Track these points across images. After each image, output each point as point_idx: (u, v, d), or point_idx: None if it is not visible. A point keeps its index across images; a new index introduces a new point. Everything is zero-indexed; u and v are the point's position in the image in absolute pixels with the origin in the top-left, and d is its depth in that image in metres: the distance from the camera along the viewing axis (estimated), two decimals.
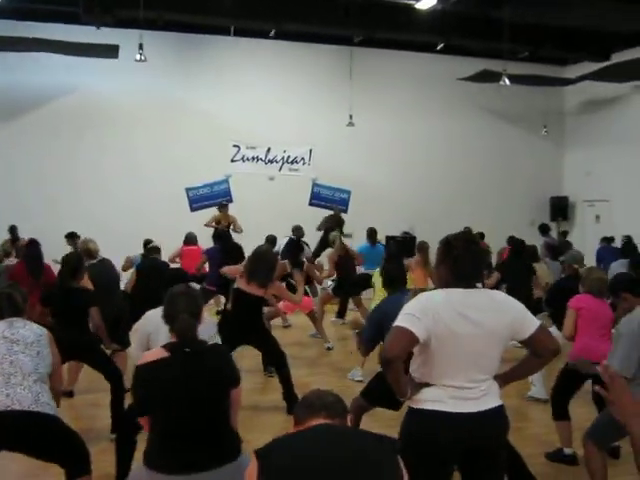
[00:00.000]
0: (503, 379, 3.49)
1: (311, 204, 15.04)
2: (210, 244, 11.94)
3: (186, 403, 3.32)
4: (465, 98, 17.65)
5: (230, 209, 14.14)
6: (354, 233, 13.75)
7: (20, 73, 14.77)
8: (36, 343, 4.20)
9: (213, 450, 3.36)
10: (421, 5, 13.47)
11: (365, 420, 5.58)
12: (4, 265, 9.11)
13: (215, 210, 14.19)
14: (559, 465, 5.70)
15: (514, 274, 9.08)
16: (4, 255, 9.95)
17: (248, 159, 14.92)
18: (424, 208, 17.03)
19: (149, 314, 4.84)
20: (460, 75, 16.18)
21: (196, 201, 14.48)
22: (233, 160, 14.86)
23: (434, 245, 3.91)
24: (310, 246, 12.54)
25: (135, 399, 3.48)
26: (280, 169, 15.17)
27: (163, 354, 3.43)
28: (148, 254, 9.56)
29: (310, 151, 15.11)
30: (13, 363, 4.05)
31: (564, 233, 16.85)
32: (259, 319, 7.21)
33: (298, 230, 11.89)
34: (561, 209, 18.67)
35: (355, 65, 15.50)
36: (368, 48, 16.37)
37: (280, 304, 9.65)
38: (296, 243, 10.66)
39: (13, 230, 12.44)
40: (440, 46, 16.38)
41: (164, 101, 15.79)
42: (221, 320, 7.81)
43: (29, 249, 8.62)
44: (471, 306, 3.26)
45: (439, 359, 3.24)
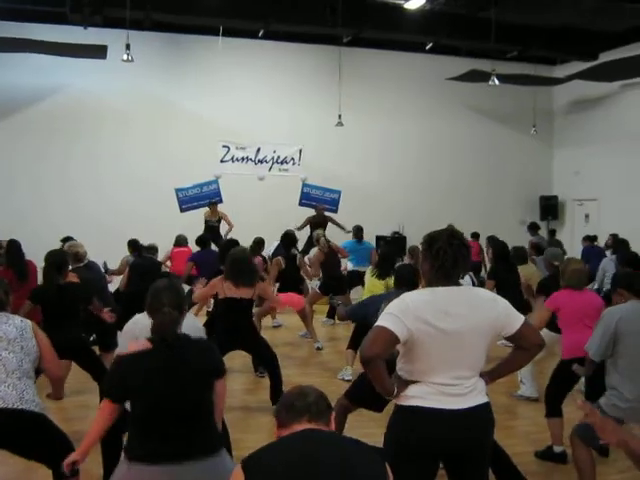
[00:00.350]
0: (490, 376, 3.50)
1: (301, 204, 15.02)
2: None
3: (166, 394, 3.32)
4: (454, 98, 17.68)
5: (220, 209, 14.15)
6: (344, 233, 13.71)
7: (8, 73, 14.68)
8: (19, 338, 4.11)
9: (193, 442, 3.35)
10: (410, 5, 13.47)
11: (357, 420, 5.57)
12: None
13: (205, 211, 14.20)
14: (549, 463, 5.70)
15: (503, 279, 9.06)
16: None
17: (238, 159, 14.93)
18: (414, 208, 17.06)
19: (137, 317, 4.81)
20: (449, 75, 16.20)
21: (186, 202, 14.44)
22: (223, 160, 14.87)
23: None
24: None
25: (107, 384, 3.47)
26: (270, 169, 15.19)
27: (146, 346, 3.44)
28: (144, 252, 9.55)
29: (300, 151, 15.14)
30: None
31: (552, 232, 16.91)
32: (249, 323, 7.18)
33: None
34: (551, 208, 18.72)
35: (344, 65, 15.50)
36: (357, 48, 16.38)
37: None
38: (289, 238, 10.66)
39: None
40: (429, 46, 16.40)
41: (153, 101, 15.75)
42: (208, 322, 7.80)
43: (10, 251, 8.32)
44: (455, 303, 3.27)
45: (424, 357, 3.25)
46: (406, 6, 13.53)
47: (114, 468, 4.63)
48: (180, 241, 11.82)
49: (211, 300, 11.55)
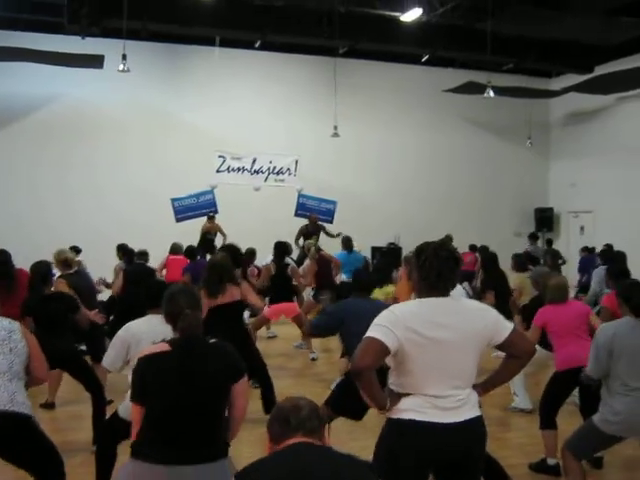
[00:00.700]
0: (483, 387, 3.49)
1: (297, 215, 15.01)
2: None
3: (181, 395, 3.31)
4: (450, 109, 17.73)
5: (216, 219, 14.16)
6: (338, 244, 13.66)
7: (6, 82, 14.72)
8: (8, 340, 4.05)
9: (202, 445, 3.35)
10: (406, 17, 13.53)
11: (352, 431, 5.56)
12: None
13: (201, 221, 14.19)
14: (543, 476, 5.67)
15: (495, 288, 9.07)
16: None
17: (233, 170, 14.90)
18: (409, 219, 17.06)
19: (130, 325, 4.78)
20: (445, 86, 16.25)
21: (181, 212, 14.43)
22: (218, 171, 14.85)
23: None
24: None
25: (132, 386, 3.47)
26: (266, 180, 15.16)
27: (164, 348, 3.44)
28: (137, 258, 9.53)
29: (296, 162, 15.13)
30: None
31: (549, 242, 16.93)
32: (239, 327, 7.12)
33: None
34: (546, 220, 18.76)
35: (340, 76, 15.53)
36: (353, 59, 16.44)
37: (265, 310, 9.56)
38: (282, 247, 10.62)
39: None
40: (425, 57, 16.47)
41: (150, 111, 15.78)
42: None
43: None
44: (444, 314, 3.27)
45: (416, 368, 3.24)
46: (402, 18, 13.59)
47: (107, 479, 4.63)
48: (175, 249, 11.78)
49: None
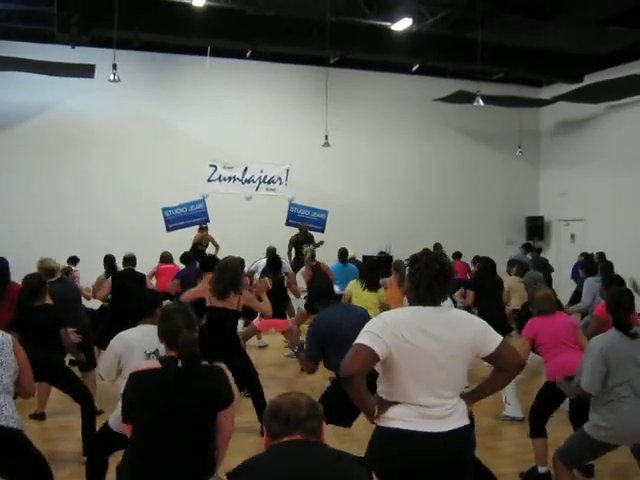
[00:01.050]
0: (471, 397, 3.49)
1: (288, 224, 15.00)
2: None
3: (170, 415, 3.33)
4: (441, 119, 17.79)
5: (208, 233, 14.18)
6: (330, 253, 13.65)
7: None
8: None
9: (188, 468, 3.36)
10: (397, 27, 13.60)
11: (341, 441, 5.54)
12: None
13: (192, 230, 14.17)
14: None
15: (486, 295, 9.07)
16: None
17: (225, 179, 14.89)
18: (400, 228, 17.08)
19: (122, 335, 4.77)
20: (436, 96, 16.31)
21: (172, 221, 14.39)
22: (210, 180, 14.83)
23: None
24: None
25: (123, 403, 3.47)
26: (257, 189, 15.14)
27: (156, 365, 3.46)
28: (123, 264, 9.50)
29: (287, 171, 15.13)
30: None
31: (538, 250, 16.97)
32: (233, 335, 7.13)
33: (271, 252, 12.00)
34: (537, 229, 18.81)
35: (331, 85, 15.54)
36: (344, 69, 16.48)
37: (255, 322, 9.58)
38: (277, 260, 10.61)
39: None
40: (415, 67, 16.53)
41: (141, 121, 15.78)
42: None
43: None
44: (433, 323, 3.28)
45: (404, 377, 3.25)
46: (393, 28, 13.66)
47: None
48: (166, 258, 11.77)
49: None
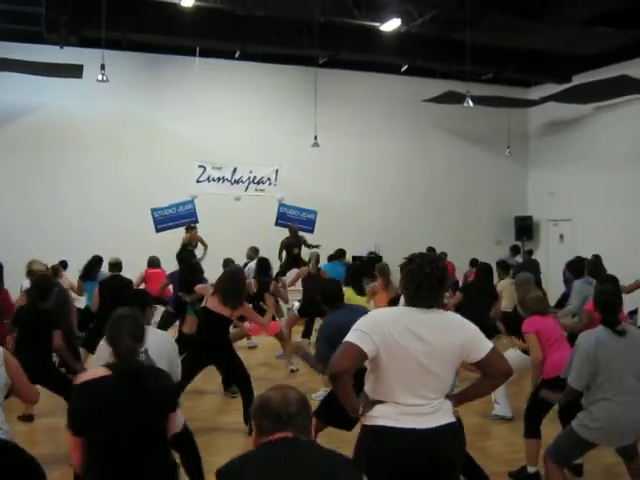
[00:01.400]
0: (457, 399, 3.50)
1: (277, 224, 14.98)
2: (174, 267, 11.77)
3: (122, 423, 3.29)
4: (430, 119, 17.81)
5: (196, 230, 14.10)
6: (321, 254, 13.66)
7: None
8: None
9: (147, 472, 3.34)
10: (386, 27, 13.60)
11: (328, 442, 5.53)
12: None
13: (182, 231, 14.12)
14: None
15: (474, 297, 9.08)
16: None
17: (214, 179, 14.87)
18: (390, 228, 17.11)
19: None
20: (425, 96, 16.32)
21: (161, 222, 14.35)
22: (199, 181, 14.81)
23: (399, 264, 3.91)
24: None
25: (70, 416, 3.39)
26: (246, 189, 15.14)
27: (104, 373, 3.41)
28: (109, 270, 9.48)
29: (276, 171, 15.13)
30: None
31: (529, 252, 17.02)
32: (226, 339, 7.15)
33: (256, 252, 12.00)
34: (525, 229, 18.85)
35: (320, 86, 15.56)
36: (333, 69, 16.47)
37: (246, 324, 9.56)
38: (266, 264, 10.57)
39: None
40: (404, 67, 16.54)
41: (129, 121, 15.72)
42: (178, 339, 7.76)
43: None
44: (423, 324, 3.28)
45: (390, 376, 3.26)
46: (382, 28, 13.66)
47: None
48: (154, 262, 11.74)
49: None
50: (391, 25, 13.45)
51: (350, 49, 14.92)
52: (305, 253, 13.70)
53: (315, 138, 15.12)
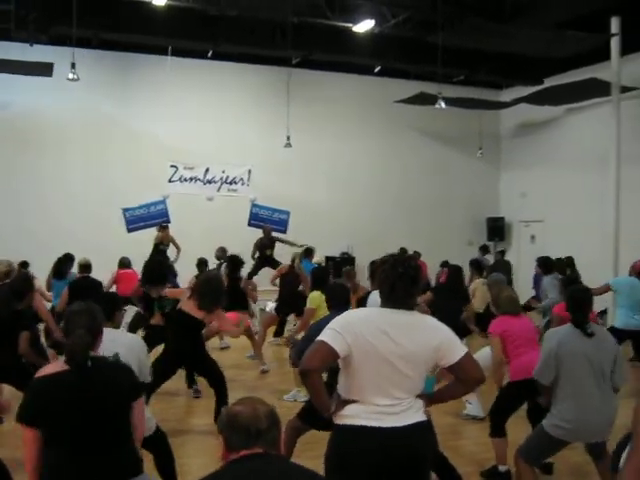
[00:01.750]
0: (429, 399, 3.50)
1: (250, 225, 14.94)
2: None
3: (81, 416, 3.26)
4: (402, 120, 17.87)
5: (169, 233, 14.04)
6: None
7: None
8: None
9: (109, 466, 3.31)
10: (359, 28, 13.62)
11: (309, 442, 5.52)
12: None
13: (153, 231, 14.03)
14: None
15: (445, 299, 9.09)
16: None
17: (186, 179, 14.77)
18: (363, 229, 17.13)
19: None
20: (397, 97, 16.37)
21: (133, 222, 14.23)
22: (171, 180, 14.70)
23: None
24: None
25: (23, 409, 3.33)
26: (219, 189, 15.05)
27: (63, 367, 3.38)
28: (79, 272, 9.35)
29: (249, 171, 15.07)
30: None
31: (502, 252, 17.14)
32: (199, 341, 7.10)
33: (225, 252, 11.98)
34: (497, 229, 18.99)
35: (293, 86, 15.55)
36: (306, 69, 16.47)
37: (214, 324, 9.47)
38: (236, 261, 10.51)
39: None
40: (378, 69, 16.58)
41: (101, 120, 15.60)
42: (146, 336, 7.68)
43: None
44: (397, 326, 3.29)
45: (361, 376, 3.27)
46: (355, 29, 13.68)
47: None
48: (124, 263, 11.63)
49: None
50: (364, 26, 13.48)
51: (323, 50, 14.93)
52: (278, 254, 13.71)
53: (288, 138, 15.10)
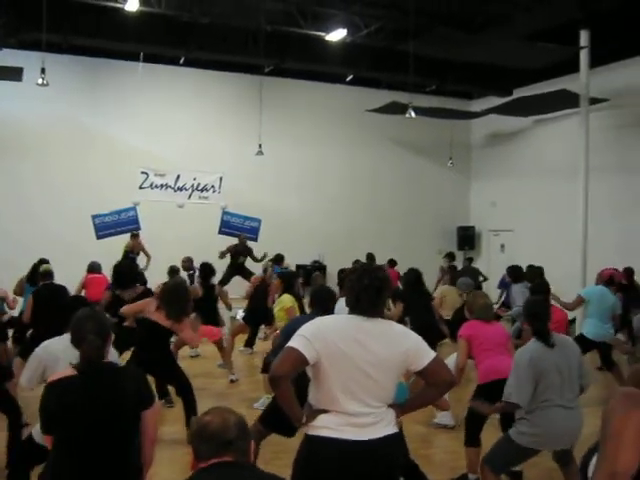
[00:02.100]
0: (400, 409, 3.50)
1: (221, 232, 14.88)
2: None
3: (89, 423, 3.26)
4: (374, 129, 17.95)
5: (140, 238, 13.95)
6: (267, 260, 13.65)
7: None
8: None
9: (114, 473, 3.30)
10: (331, 37, 13.68)
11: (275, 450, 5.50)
12: None
13: (123, 238, 13.92)
14: None
15: (413, 302, 9.10)
16: None
17: (157, 186, 14.67)
18: (334, 237, 17.16)
19: (47, 344, 4.67)
20: (370, 106, 16.44)
21: (102, 229, 14.09)
22: (141, 187, 14.59)
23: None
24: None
25: (40, 416, 3.37)
26: (189, 197, 14.98)
27: (72, 373, 3.38)
28: (41, 279, 9.17)
29: (220, 179, 15.01)
30: None
31: (469, 259, 17.25)
32: (167, 350, 7.05)
33: (192, 262, 11.95)
34: (468, 238, 19.12)
35: (265, 94, 15.55)
36: (278, 77, 16.50)
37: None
38: (208, 268, 10.44)
39: None
40: (350, 77, 16.64)
41: (71, 126, 15.47)
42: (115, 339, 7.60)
43: None
44: (367, 333, 3.30)
45: (331, 383, 3.26)
46: (327, 38, 13.74)
47: None
48: (94, 268, 11.51)
49: None
50: (337, 35, 13.54)
51: (295, 58, 14.97)
52: (250, 263, 13.69)
53: (260, 146, 15.09)
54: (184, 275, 11.78)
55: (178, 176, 14.80)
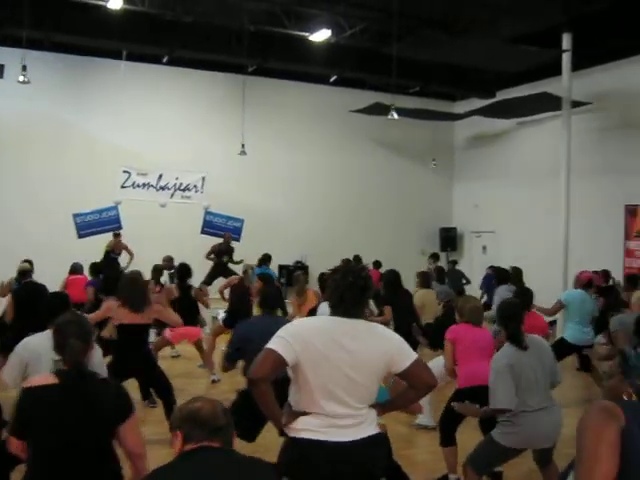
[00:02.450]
0: (381, 408, 3.50)
1: (203, 232, 14.82)
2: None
3: (67, 431, 3.22)
4: (358, 130, 17.96)
5: (122, 237, 13.87)
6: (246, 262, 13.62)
7: None
8: None
9: None
10: (315, 37, 13.67)
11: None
12: None
13: (104, 237, 13.83)
14: None
15: (397, 308, 9.10)
16: None
17: (139, 185, 14.57)
18: (317, 237, 17.15)
19: (28, 340, 4.64)
20: (353, 107, 16.46)
21: (84, 228, 14.00)
22: (123, 186, 14.49)
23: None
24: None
25: (14, 420, 3.33)
26: (172, 196, 14.89)
27: (52, 381, 3.32)
28: (20, 278, 9.12)
29: (203, 179, 14.94)
30: None
31: (454, 262, 17.27)
32: (145, 350, 6.99)
33: (172, 261, 11.90)
34: (450, 240, 19.18)
35: (248, 94, 15.52)
36: (262, 77, 16.48)
37: (167, 333, 9.37)
38: (184, 269, 10.36)
39: None
40: (333, 78, 16.64)
41: (52, 123, 15.36)
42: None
43: None
44: (346, 334, 3.28)
45: (311, 384, 3.24)
46: (311, 38, 13.73)
47: None
48: (76, 269, 11.44)
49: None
50: (321, 36, 13.54)
51: (279, 58, 14.96)
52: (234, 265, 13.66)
53: (242, 146, 15.05)
54: (165, 274, 11.74)
55: (160, 175, 14.70)
